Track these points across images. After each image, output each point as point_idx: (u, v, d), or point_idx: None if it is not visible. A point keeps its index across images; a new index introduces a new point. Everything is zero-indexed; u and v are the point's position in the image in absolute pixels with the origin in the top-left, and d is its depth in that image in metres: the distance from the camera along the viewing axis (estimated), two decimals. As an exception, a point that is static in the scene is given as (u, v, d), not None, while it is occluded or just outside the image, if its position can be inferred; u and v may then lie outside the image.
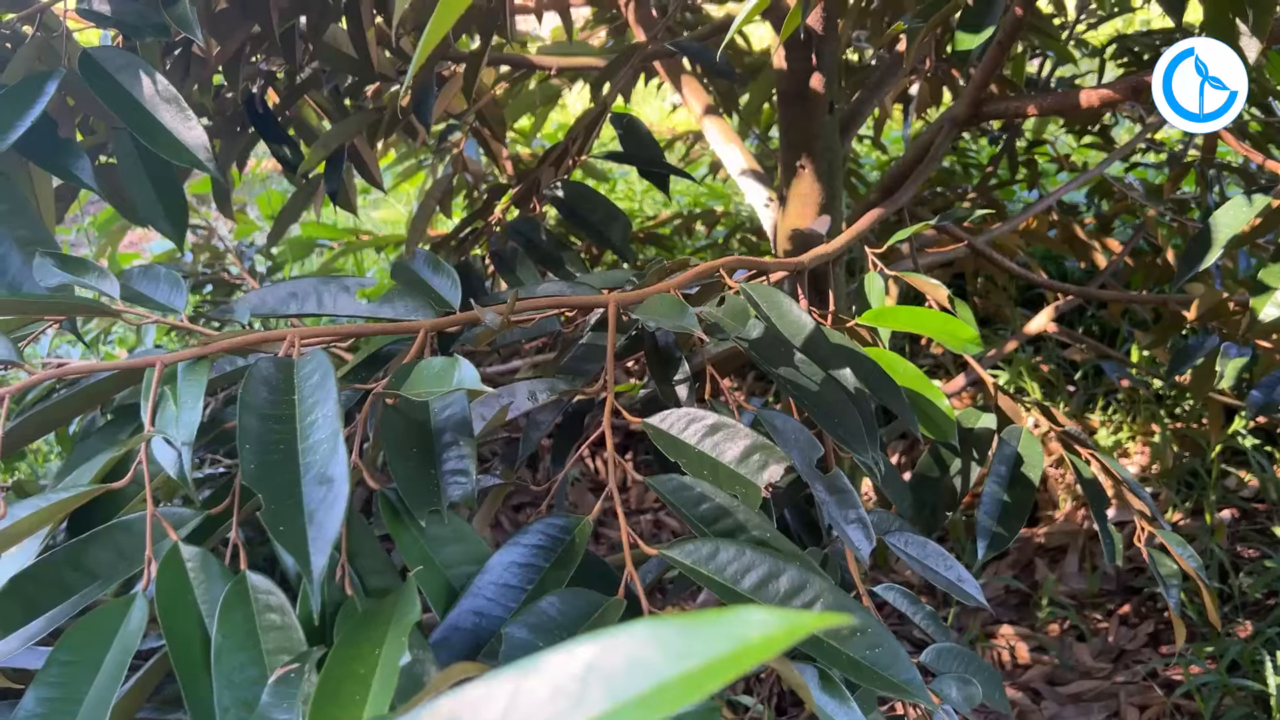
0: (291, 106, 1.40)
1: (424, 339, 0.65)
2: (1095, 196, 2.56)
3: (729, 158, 1.66)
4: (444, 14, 0.51)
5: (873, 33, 2.23)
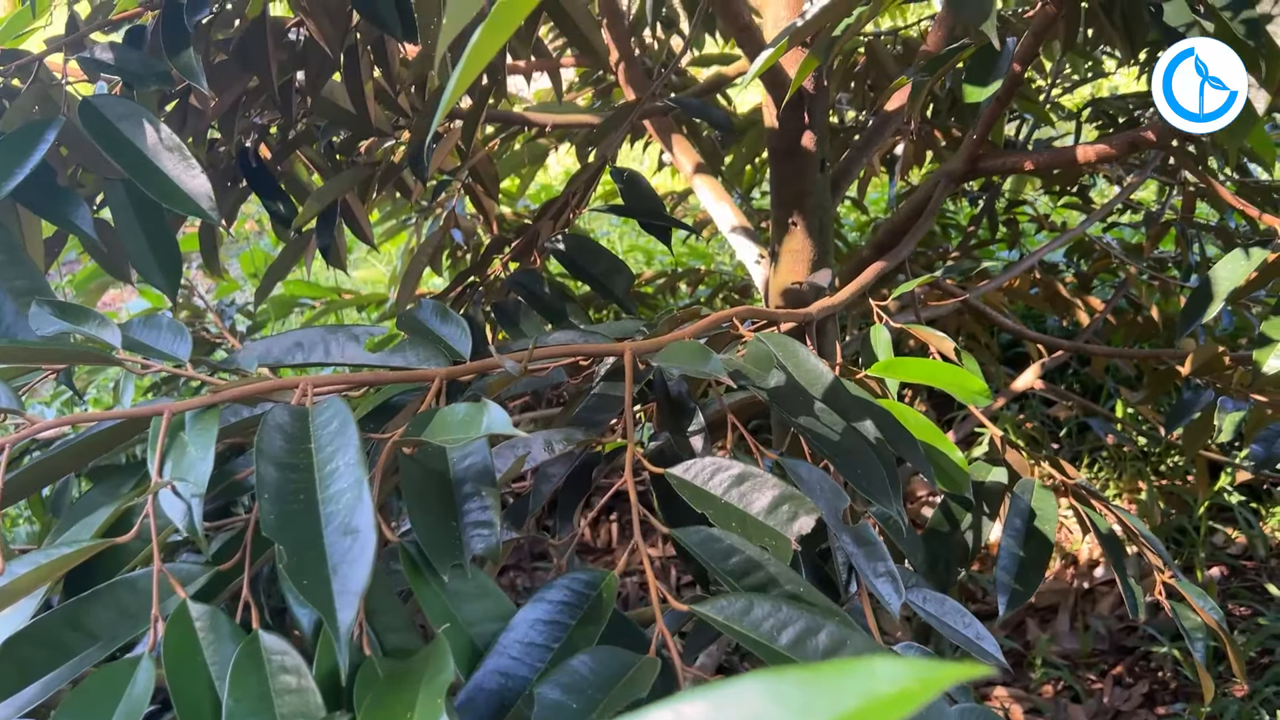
0: (284, 161, 1.39)
1: (439, 387, 0.63)
2: (1075, 255, 2.58)
3: (720, 215, 1.66)
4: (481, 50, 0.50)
5: (856, 95, 2.26)
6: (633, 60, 1.74)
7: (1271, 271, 1.15)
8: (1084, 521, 1.07)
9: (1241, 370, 1.44)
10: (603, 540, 2.49)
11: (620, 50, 1.75)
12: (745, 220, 1.63)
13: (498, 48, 0.50)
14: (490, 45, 0.50)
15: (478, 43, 0.49)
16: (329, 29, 1.06)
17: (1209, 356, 1.35)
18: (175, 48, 0.86)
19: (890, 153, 2.20)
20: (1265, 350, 1.08)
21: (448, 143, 1.31)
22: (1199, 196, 2.26)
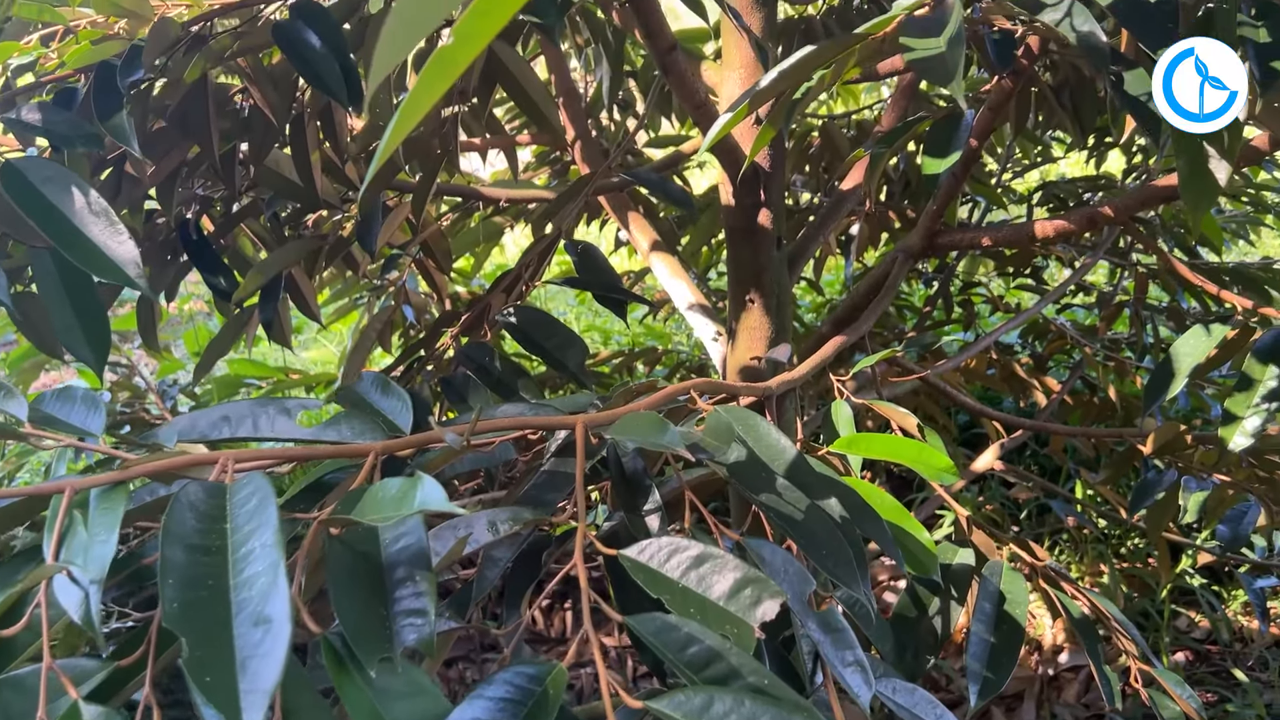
0: (228, 235, 1.35)
1: (373, 462, 0.58)
2: (1030, 337, 2.60)
3: (677, 292, 1.64)
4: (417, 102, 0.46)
5: (811, 177, 2.28)
6: (589, 139, 1.73)
7: (1232, 348, 1.14)
8: (1053, 605, 1.03)
9: (1203, 450, 1.43)
10: (556, 629, 2.40)
11: (576, 129, 1.74)
12: (702, 298, 1.61)
13: (434, 99, 0.46)
14: (426, 97, 0.46)
15: (413, 94, 0.46)
16: (274, 97, 1.03)
17: (1171, 435, 1.33)
18: (107, 110, 0.82)
19: (846, 233, 2.20)
20: (1230, 428, 1.06)
21: (398, 216, 1.28)
22: (1151, 278, 2.28)
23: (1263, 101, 0.83)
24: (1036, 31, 0.86)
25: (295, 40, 0.88)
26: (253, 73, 1.00)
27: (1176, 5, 0.77)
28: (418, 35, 0.43)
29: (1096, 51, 0.66)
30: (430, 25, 0.43)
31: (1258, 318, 1.13)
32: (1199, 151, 0.78)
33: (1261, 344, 1.08)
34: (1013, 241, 1.19)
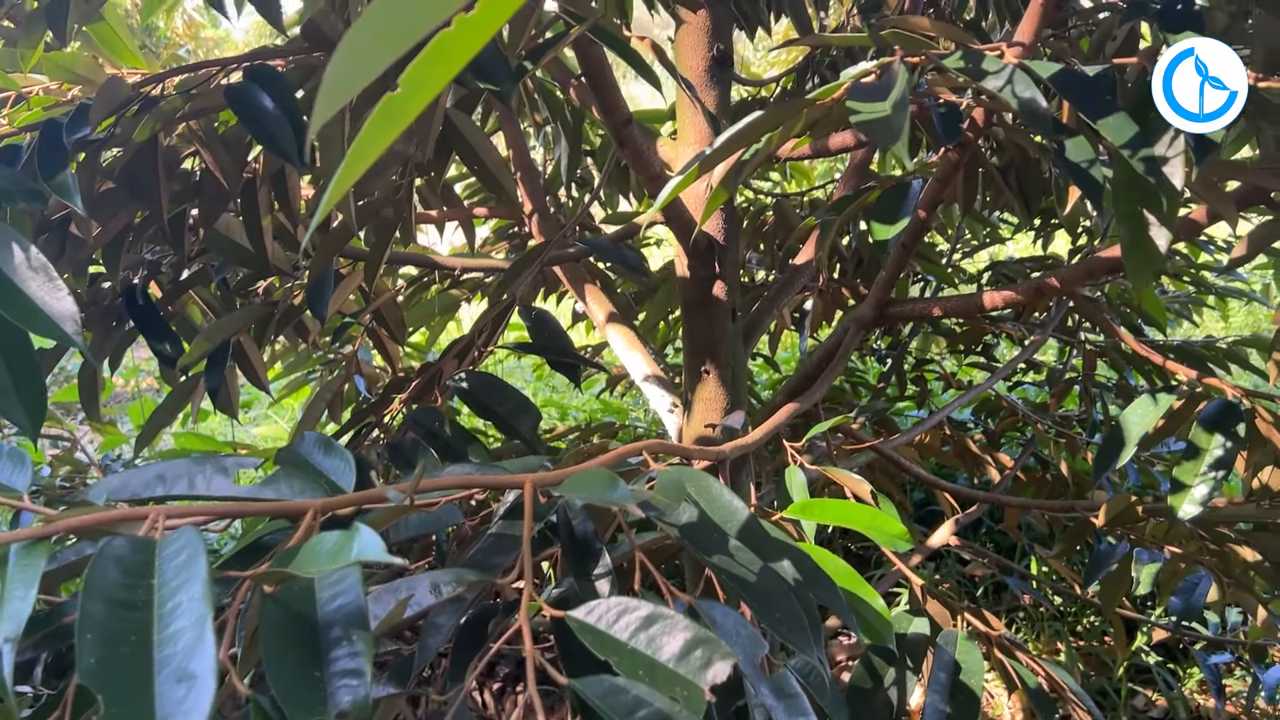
0: (175, 301, 1.33)
1: (312, 520, 0.56)
2: (982, 414, 2.62)
3: (633, 364, 1.63)
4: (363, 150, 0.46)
5: (765, 254, 2.30)
6: (546, 213, 1.74)
7: (1179, 418, 1.15)
8: (1009, 678, 1.02)
9: (1154, 523, 1.43)
10: (509, 714, 2.33)
11: (534, 203, 1.76)
12: (658, 369, 1.61)
13: (380, 149, 0.46)
14: (373, 146, 0.45)
15: (359, 143, 0.45)
16: (226, 160, 1.02)
17: (1122, 507, 1.34)
18: (51, 167, 0.81)
19: (800, 309, 2.22)
20: (1179, 495, 1.07)
21: (350, 283, 1.27)
22: (1099, 356, 2.32)
23: (1198, 172, 0.86)
24: (981, 103, 0.88)
25: (248, 102, 0.87)
26: (205, 135, 0.99)
27: (1113, 78, 0.79)
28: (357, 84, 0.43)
29: (1038, 116, 0.67)
30: (370, 74, 0.43)
31: (1202, 388, 1.14)
32: (1140, 220, 0.79)
33: (1207, 414, 1.10)
34: (963, 312, 1.20)
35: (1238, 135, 1.33)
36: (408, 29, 0.43)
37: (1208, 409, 1.08)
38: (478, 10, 0.47)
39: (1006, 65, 0.69)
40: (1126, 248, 0.80)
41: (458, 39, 0.47)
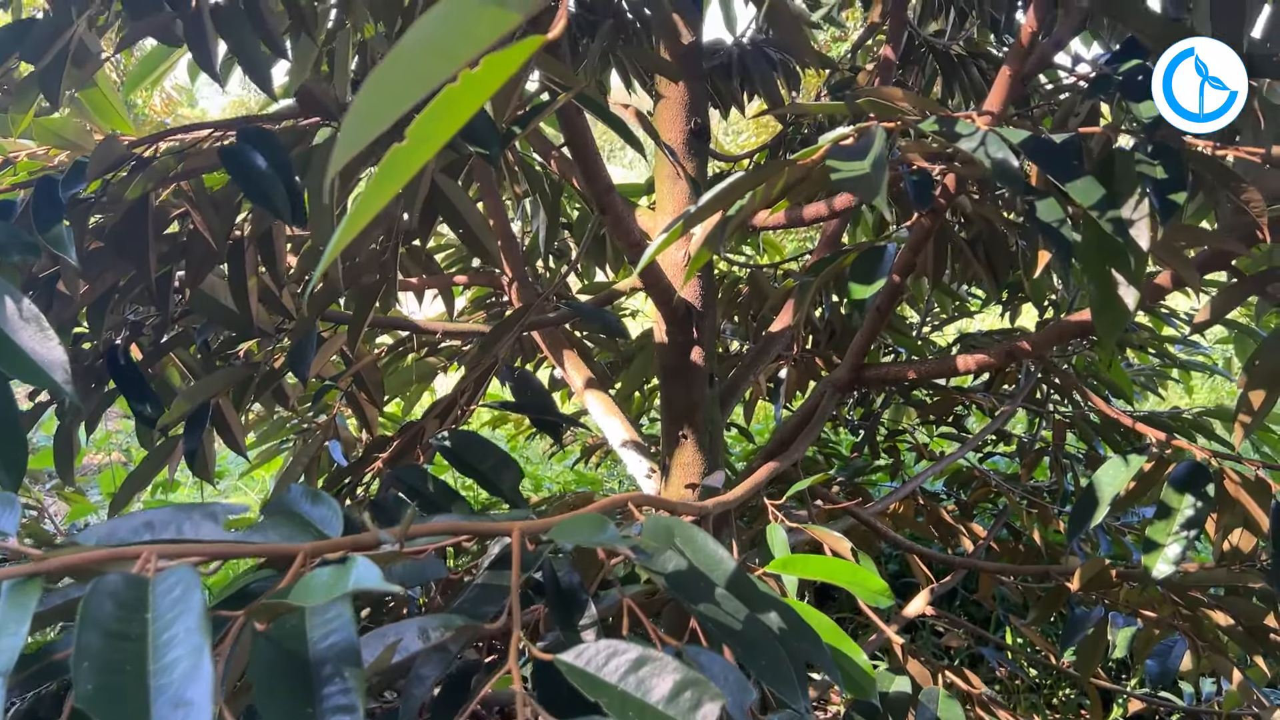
0: (157, 363, 1.33)
1: (302, 562, 0.57)
2: (955, 485, 2.64)
3: (610, 430, 1.64)
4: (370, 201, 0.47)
5: (741, 325, 2.34)
6: (525, 281, 1.76)
7: (1150, 479, 1.17)
8: (992, 739, 1.02)
9: (1128, 588, 1.45)
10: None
11: (514, 271, 1.78)
12: (636, 435, 1.62)
13: (388, 197, 0.47)
14: (380, 195, 0.47)
15: (369, 191, 0.47)
16: (214, 221, 1.04)
17: (1097, 570, 1.35)
18: (47, 221, 0.82)
19: (775, 378, 2.25)
20: (1153, 555, 1.08)
21: (332, 346, 1.27)
22: (1069, 427, 2.36)
23: (1163, 233, 0.89)
24: (953, 170, 0.91)
25: (241, 162, 0.89)
26: (195, 196, 1.01)
27: (1079, 145, 0.83)
28: (376, 127, 0.45)
29: (1011, 176, 0.70)
30: (388, 119, 0.45)
31: (1171, 450, 1.17)
32: (1108, 279, 0.82)
33: (1177, 475, 1.12)
34: (936, 374, 1.23)
35: (1198, 209, 1.38)
36: (423, 78, 0.46)
37: (1177, 470, 1.11)
38: (482, 67, 0.50)
39: (978, 129, 0.73)
40: (1096, 307, 0.83)
41: (463, 94, 0.49)
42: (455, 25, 0.47)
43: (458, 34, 0.46)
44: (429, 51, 0.45)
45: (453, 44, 0.46)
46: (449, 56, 0.46)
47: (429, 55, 0.45)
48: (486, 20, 0.48)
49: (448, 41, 0.46)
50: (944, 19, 2.08)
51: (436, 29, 0.45)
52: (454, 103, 0.49)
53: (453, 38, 0.46)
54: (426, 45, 0.45)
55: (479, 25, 0.48)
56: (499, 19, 0.49)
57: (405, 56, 0.44)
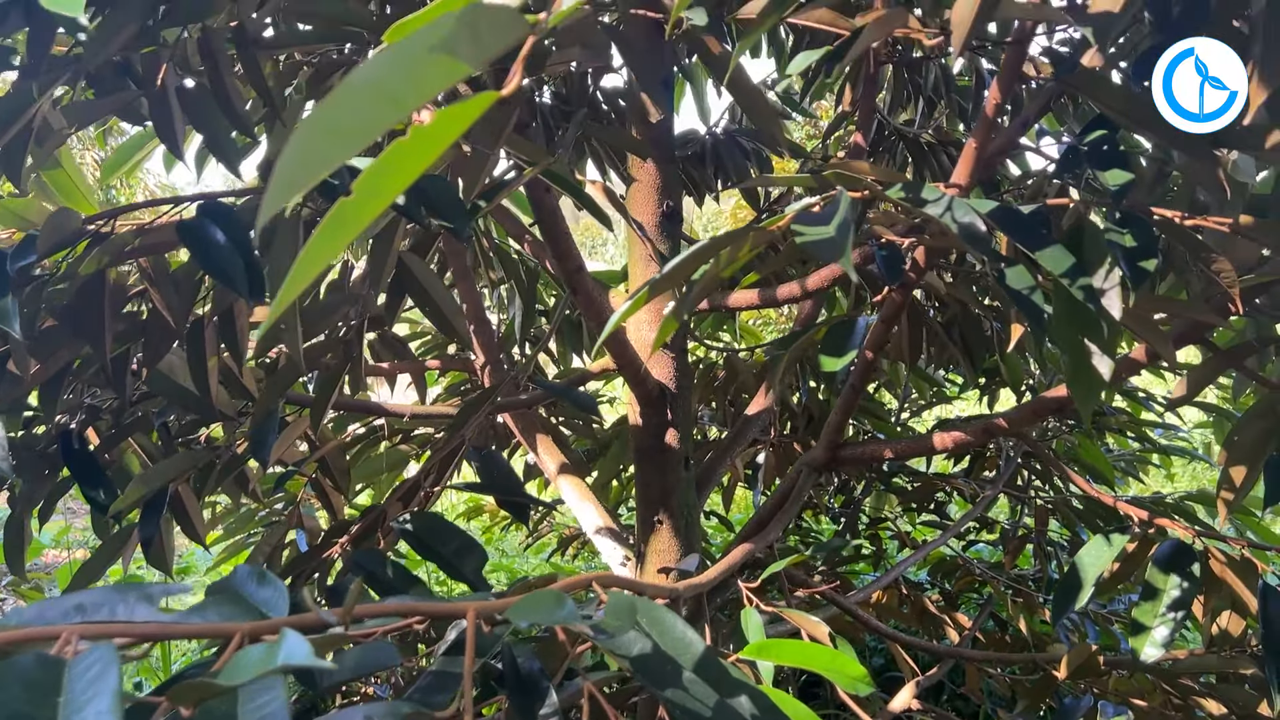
0: (114, 448, 1.29)
1: (239, 644, 0.53)
2: (939, 575, 2.60)
3: (585, 516, 1.61)
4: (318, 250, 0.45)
5: (718, 410, 2.31)
6: (500, 365, 1.74)
7: (1134, 560, 1.15)
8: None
9: (1117, 676, 1.40)
10: None
11: (487, 355, 1.76)
12: (610, 521, 1.58)
13: (333, 254, 0.45)
14: (325, 250, 0.45)
15: (311, 245, 0.45)
16: (174, 299, 1.02)
17: (1084, 658, 1.31)
18: (-7, 294, 0.80)
19: (753, 463, 2.22)
20: (1140, 638, 1.05)
21: (295, 429, 1.24)
22: (1051, 513, 2.33)
23: (1133, 302, 0.88)
24: (922, 242, 0.90)
25: (199, 236, 0.88)
26: (154, 273, 0.99)
27: (1047, 215, 0.83)
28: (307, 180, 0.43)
29: (977, 240, 0.69)
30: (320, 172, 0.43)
31: (1155, 529, 1.14)
32: (1082, 349, 0.81)
33: (1161, 554, 1.09)
34: (913, 453, 1.20)
35: (1169, 288, 1.38)
36: (367, 122, 0.44)
37: (1161, 549, 1.08)
38: (434, 121, 0.48)
39: (945, 195, 0.72)
40: (1070, 377, 0.82)
41: (414, 148, 0.47)
42: (404, 70, 0.45)
43: (406, 79, 0.44)
44: (375, 94, 0.43)
45: (400, 89, 0.44)
46: (395, 101, 0.44)
47: (375, 98, 0.43)
48: (437, 68, 0.47)
49: (395, 86, 0.44)
50: (913, 108, 2.12)
51: (384, 72, 0.43)
52: (404, 157, 0.47)
53: (400, 82, 0.44)
54: (373, 87, 0.43)
55: (429, 73, 0.46)
56: (449, 68, 0.47)
57: (349, 97, 0.42)
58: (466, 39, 0.47)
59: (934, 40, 0.79)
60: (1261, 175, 1.21)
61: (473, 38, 0.47)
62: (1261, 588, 1.05)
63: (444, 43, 0.46)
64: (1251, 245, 0.93)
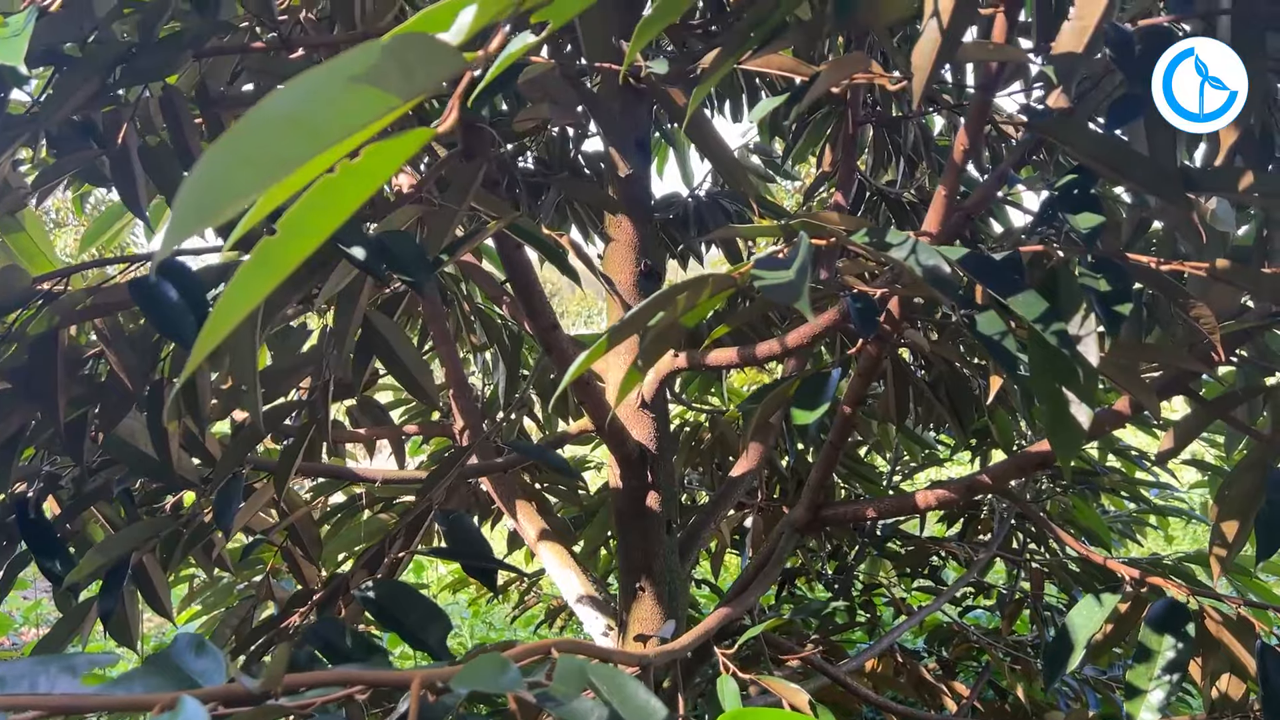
0: (75, 518, 1.25)
1: (158, 715, 0.49)
2: (936, 643, 2.54)
3: (566, 585, 1.56)
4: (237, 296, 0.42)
5: (705, 474, 2.28)
6: (479, 430, 1.71)
7: (1127, 621, 1.11)
8: None
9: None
10: None
11: (467, 420, 1.73)
12: (592, 589, 1.54)
13: (255, 300, 0.42)
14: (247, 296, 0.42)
15: (231, 290, 0.42)
16: (131, 360, 0.99)
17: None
18: (-67, 355, 0.77)
19: (741, 526, 2.18)
20: (1135, 702, 1.00)
21: (261, 497, 1.21)
22: (1047, 577, 2.28)
23: (1119, 351, 0.86)
24: (894, 292, 0.88)
25: (151, 294, 0.85)
26: (110, 334, 0.96)
27: (1019, 260, 0.81)
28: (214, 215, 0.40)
29: (944, 283, 0.67)
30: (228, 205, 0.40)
31: (1147, 588, 1.11)
32: (1060, 398, 0.78)
33: (1154, 614, 1.05)
34: (897, 512, 1.17)
35: (1157, 342, 1.35)
36: (279, 156, 0.41)
37: (1154, 609, 1.04)
38: (364, 157, 0.45)
39: (909, 238, 0.70)
40: (1049, 427, 0.79)
41: (342, 185, 0.44)
42: (321, 100, 0.42)
43: (324, 110, 0.42)
44: (289, 125, 0.41)
45: (318, 120, 0.41)
46: (313, 133, 0.42)
47: (289, 129, 0.41)
48: (360, 100, 0.44)
49: (312, 117, 0.41)
50: (895, 169, 2.12)
51: (297, 102, 0.41)
52: (332, 195, 0.44)
53: (319, 113, 0.41)
54: (287, 117, 0.40)
55: (351, 104, 0.43)
56: (375, 100, 0.44)
57: (261, 126, 0.39)
58: (394, 71, 0.45)
59: (897, 85, 0.78)
60: (1244, 229, 1.20)
61: (401, 70, 0.45)
62: (1259, 648, 1.01)
63: (368, 74, 0.43)
64: (1231, 291, 0.91)
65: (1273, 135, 1.03)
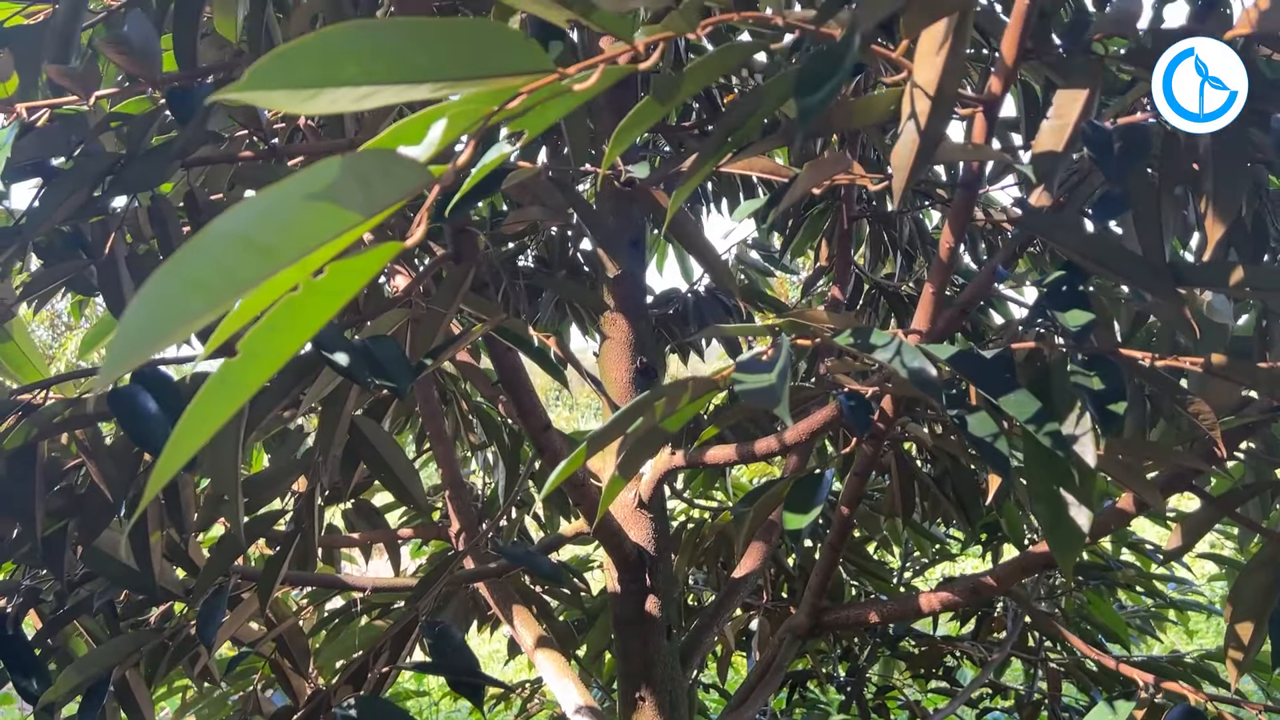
0: (56, 634, 1.22)
1: None
2: (954, 748, 2.45)
3: (564, 694, 1.51)
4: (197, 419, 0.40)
5: (710, 574, 2.23)
6: (474, 530, 1.68)
7: (1144, 730, 1.06)
8: None
9: None
10: None
11: (462, 521, 1.70)
12: (591, 700, 1.49)
13: (216, 423, 0.41)
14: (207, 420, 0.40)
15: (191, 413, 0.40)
16: (112, 471, 0.97)
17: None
18: (-98, 471, 0.76)
19: (746, 629, 2.12)
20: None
21: (247, 608, 1.17)
22: (1065, 677, 2.21)
23: (1118, 450, 0.84)
24: (885, 390, 0.87)
25: (129, 405, 0.84)
26: (90, 444, 0.95)
27: (1011, 358, 0.79)
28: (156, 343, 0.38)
29: (927, 384, 0.65)
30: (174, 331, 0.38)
31: (1162, 695, 1.06)
32: (1057, 499, 0.76)
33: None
34: (900, 616, 1.13)
35: (1163, 434, 1.33)
36: (229, 277, 0.40)
37: (1170, 716, 0.99)
38: (328, 275, 0.44)
39: (894, 339, 0.68)
40: (1047, 529, 0.76)
41: (306, 304, 0.43)
42: (275, 218, 0.40)
43: (278, 229, 0.40)
44: (240, 244, 0.39)
45: (271, 239, 0.40)
46: (265, 253, 0.40)
47: (240, 248, 0.39)
48: (316, 218, 0.43)
49: (265, 236, 0.40)
50: (892, 262, 2.13)
51: (250, 220, 0.39)
52: (295, 314, 0.42)
53: (272, 232, 0.40)
54: (238, 237, 0.39)
55: (307, 222, 0.42)
56: (333, 218, 0.43)
57: (210, 246, 0.38)
58: (354, 187, 0.43)
59: (879, 185, 0.78)
60: (1244, 318, 1.18)
61: (362, 186, 0.44)
62: (1284, 759, 0.96)
63: (327, 190, 0.42)
64: (1230, 386, 0.89)
65: (1266, 225, 1.02)
